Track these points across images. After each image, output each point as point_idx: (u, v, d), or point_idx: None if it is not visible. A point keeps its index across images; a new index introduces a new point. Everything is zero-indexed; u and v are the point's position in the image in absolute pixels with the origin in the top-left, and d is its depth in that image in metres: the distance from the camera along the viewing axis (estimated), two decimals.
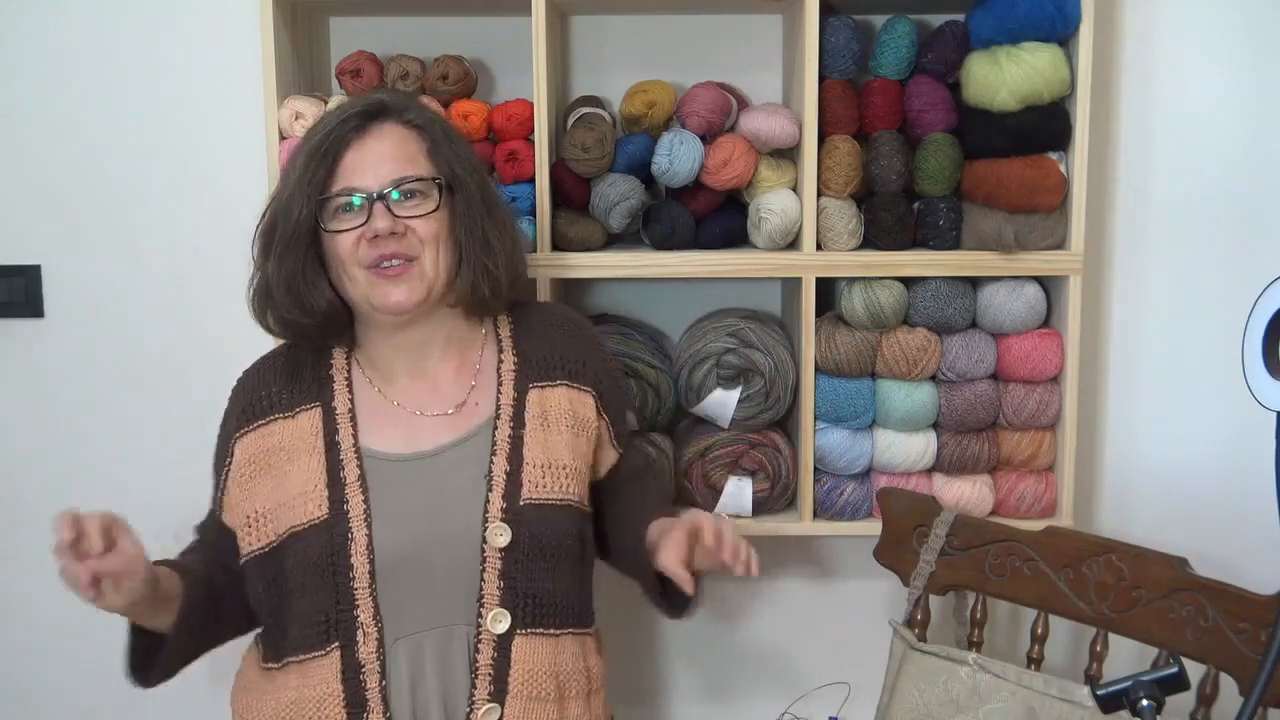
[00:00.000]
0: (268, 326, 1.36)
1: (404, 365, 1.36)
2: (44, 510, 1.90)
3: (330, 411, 1.34)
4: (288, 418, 1.34)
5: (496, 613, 1.28)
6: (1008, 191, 1.61)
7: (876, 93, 1.66)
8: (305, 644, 1.28)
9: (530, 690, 1.28)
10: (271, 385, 1.37)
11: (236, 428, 1.36)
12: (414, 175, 1.29)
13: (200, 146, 1.83)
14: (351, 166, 1.28)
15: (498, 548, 1.28)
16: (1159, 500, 1.86)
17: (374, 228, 1.26)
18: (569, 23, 1.83)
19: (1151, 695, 0.97)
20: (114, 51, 1.82)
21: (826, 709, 1.90)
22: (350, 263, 1.28)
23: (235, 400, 1.40)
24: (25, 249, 1.86)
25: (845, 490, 1.72)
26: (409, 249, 1.28)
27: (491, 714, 1.27)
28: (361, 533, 1.28)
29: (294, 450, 1.32)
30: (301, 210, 1.27)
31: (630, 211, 1.66)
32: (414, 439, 1.33)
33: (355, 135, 1.29)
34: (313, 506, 1.29)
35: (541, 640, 1.30)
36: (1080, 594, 1.47)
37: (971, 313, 1.70)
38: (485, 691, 1.28)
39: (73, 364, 1.89)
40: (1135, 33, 1.78)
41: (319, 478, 1.30)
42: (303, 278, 1.29)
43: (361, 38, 1.79)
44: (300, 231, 1.28)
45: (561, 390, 1.38)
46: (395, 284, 1.28)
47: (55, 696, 1.96)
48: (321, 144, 1.28)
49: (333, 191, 1.28)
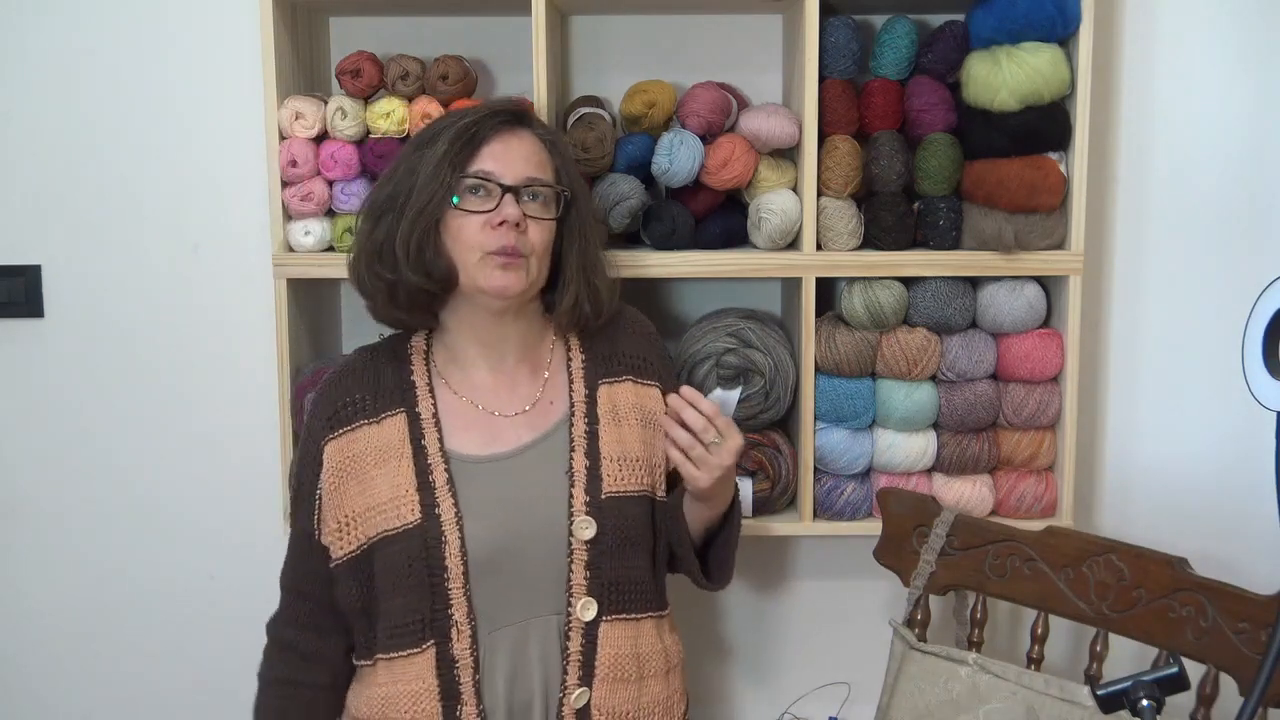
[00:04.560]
0: (367, 293, 1.40)
1: (484, 361, 1.42)
2: (44, 510, 1.93)
3: (415, 417, 1.38)
4: (374, 423, 1.38)
5: (585, 601, 1.34)
6: (1008, 191, 1.61)
7: (876, 93, 1.66)
8: (399, 642, 1.33)
9: (616, 673, 1.36)
10: (355, 392, 1.41)
11: (324, 433, 1.39)
12: (545, 180, 1.38)
13: (200, 146, 1.84)
14: (494, 154, 1.36)
15: (584, 540, 1.34)
16: (1159, 500, 1.86)
17: (503, 213, 1.33)
18: (569, 23, 1.83)
19: (1151, 695, 0.97)
20: (114, 52, 1.82)
21: (826, 709, 1.91)
22: (471, 245, 1.34)
23: (320, 408, 1.42)
24: (25, 249, 1.86)
25: (845, 490, 1.72)
26: (524, 246, 1.35)
27: (582, 697, 1.35)
28: (454, 535, 1.32)
29: (381, 455, 1.36)
30: (443, 182, 1.33)
31: (630, 211, 1.66)
32: (494, 439, 1.39)
33: (500, 129, 1.37)
34: (405, 510, 1.33)
35: (624, 625, 1.37)
36: (1080, 594, 1.47)
37: (971, 313, 1.70)
38: (576, 677, 1.34)
39: (73, 364, 1.89)
40: (1135, 33, 1.78)
41: (409, 482, 1.34)
42: (430, 246, 1.35)
43: (361, 38, 1.79)
44: (436, 201, 1.34)
45: (628, 385, 1.44)
46: (505, 270, 1.34)
47: (55, 696, 1.96)
48: (470, 128, 1.35)
49: (471, 171, 1.34)
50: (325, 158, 1.64)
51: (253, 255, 1.81)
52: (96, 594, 1.94)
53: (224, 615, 1.93)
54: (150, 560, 1.92)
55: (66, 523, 1.92)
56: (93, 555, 1.93)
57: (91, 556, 1.93)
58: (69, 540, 1.93)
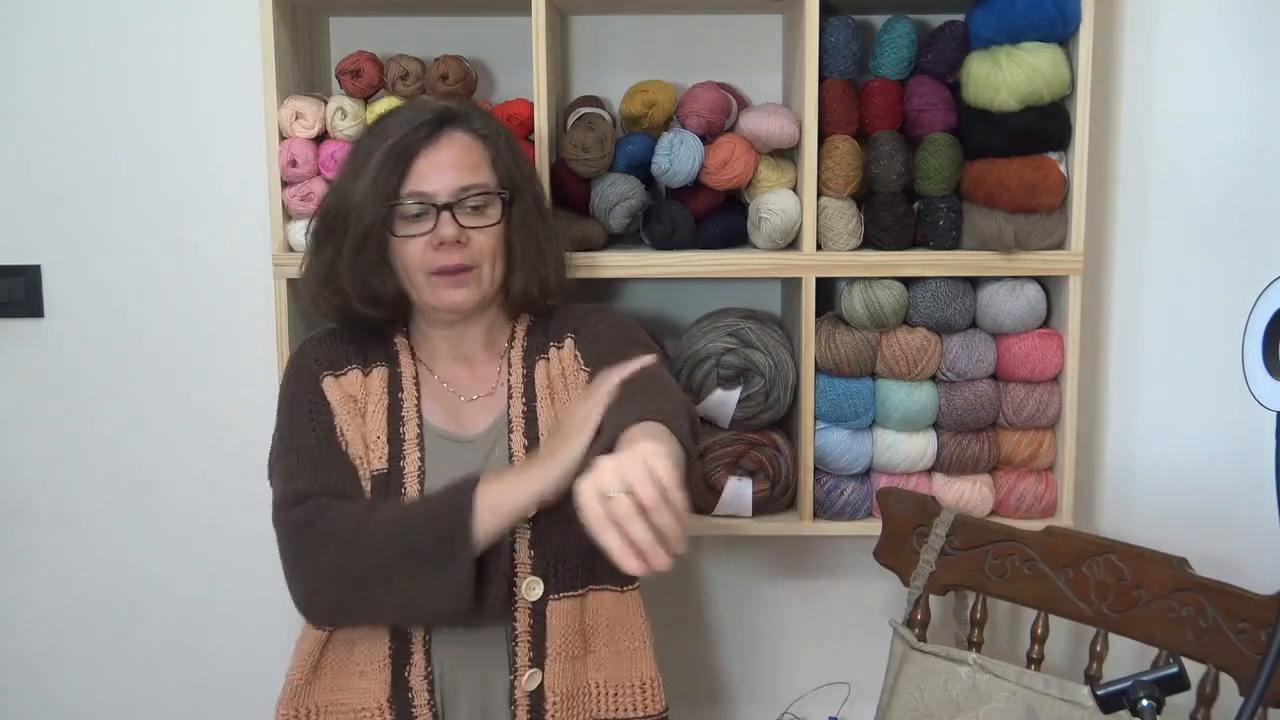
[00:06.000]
0: (322, 312, 1.42)
1: (447, 351, 1.44)
2: (44, 510, 1.93)
3: (396, 375, 1.41)
4: (363, 371, 1.40)
5: (530, 581, 1.33)
6: (1008, 191, 1.61)
7: (876, 93, 1.66)
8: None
9: (567, 651, 1.34)
10: (345, 344, 1.42)
11: (320, 370, 1.39)
12: (479, 186, 1.35)
13: (200, 146, 1.84)
14: (422, 173, 1.34)
15: (525, 519, 1.33)
16: (1159, 500, 1.86)
17: (440, 235, 1.33)
18: (569, 23, 1.83)
19: (1151, 695, 0.97)
20: (114, 52, 1.82)
21: (826, 709, 1.91)
22: (415, 267, 1.35)
23: (311, 353, 1.41)
24: (25, 249, 1.86)
25: (845, 490, 1.72)
26: (470, 259, 1.35)
27: (534, 679, 1.33)
28: (414, 488, 1.34)
29: (364, 401, 1.38)
30: (374, 214, 1.33)
31: (630, 211, 1.66)
32: (457, 419, 1.41)
33: (426, 143, 1.35)
34: (374, 458, 1.35)
35: (570, 601, 1.35)
36: (1080, 594, 1.47)
37: (971, 313, 1.70)
38: (526, 658, 1.33)
39: (73, 364, 1.89)
40: (1135, 33, 1.78)
41: (382, 431, 1.36)
42: (375, 274, 1.36)
43: (361, 38, 1.79)
44: (373, 234, 1.34)
45: (553, 355, 1.44)
46: (455, 287, 1.35)
47: (56, 695, 1.96)
48: (394, 149, 1.33)
49: (403, 197, 1.34)
50: (325, 158, 1.64)
51: (253, 255, 1.81)
52: (97, 594, 1.94)
53: (224, 615, 1.93)
54: (150, 560, 1.92)
55: (66, 523, 1.92)
56: (93, 555, 1.93)
57: (92, 557, 1.93)
58: (69, 540, 1.93)
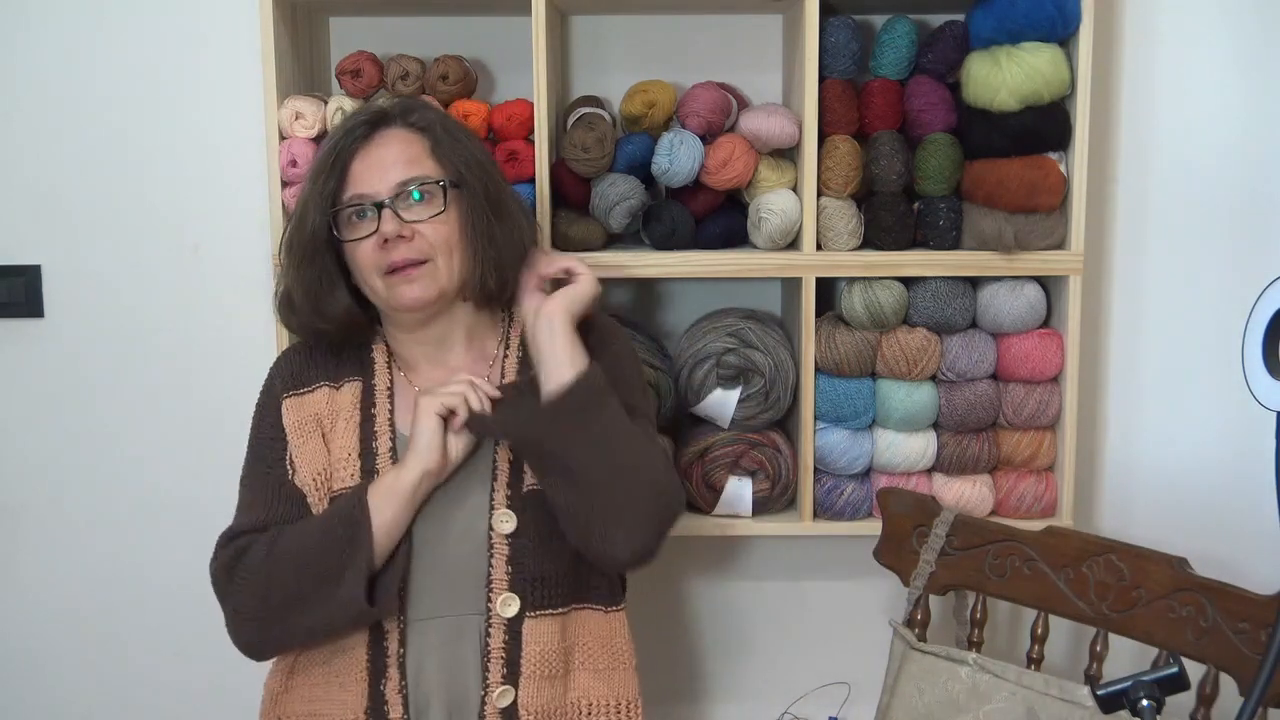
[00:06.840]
0: (291, 329, 1.43)
1: (426, 359, 1.41)
2: (44, 510, 1.93)
3: (370, 388, 1.39)
4: (334, 387, 1.39)
5: (505, 598, 1.32)
6: (1008, 191, 1.61)
7: (876, 93, 1.66)
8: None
9: (543, 670, 1.32)
10: (318, 358, 1.41)
11: (283, 391, 1.39)
12: (418, 177, 1.33)
13: (200, 146, 1.83)
14: (359, 175, 1.33)
15: (504, 534, 1.32)
16: (1159, 500, 1.86)
17: (383, 232, 1.30)
18: (569, 23, 1.83)
19: (1151, 695, 0.97)
20: (114, 51, 1.82)
21: (826, 709, 1.90)
22: (368, 269, 1.33)
23: (280, 370, 1.43)
24: (25, 249, 1.86)
25: (845, 490, 1.72)
26: (420, 252, 1.32)
27: (506, 696, 1.31)
28: None
29: (335, 418, 1.37)
30: (315, 221, 1.33)
31: (630, 211, 1.66)
32: None
33: (361, 144, 1.34)
34: (346, 475, 1.33)
35: (550, 620, 1.33)
36: (1080, 594, 1.47)
37: (971, 313, 1.70)
38: (499, 675, 1.31)
39: (73, 364, 1.89)
40: (1135, 33, 1.78)
41: (354, 447, 1.35)
42: (321, 286, 1.36)
43: (361, 38, 1.79)
44: (317, 242, 1.34)
45: None
46: (410, 283, 1.32)
47: (57, 694, 1.96)
48: (329, 156, 1.34)
49: (343, 201, 1.33)
50: None
51: (253, 255, 1.81)
52: (97, 594, 1.93)
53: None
54: (151, 560, 1.92)
55: (66, 522, 1.92)
56: (93, 555, 1.93)
57: (92, 557, 1.93)
58: (69, 540, 1.93)
